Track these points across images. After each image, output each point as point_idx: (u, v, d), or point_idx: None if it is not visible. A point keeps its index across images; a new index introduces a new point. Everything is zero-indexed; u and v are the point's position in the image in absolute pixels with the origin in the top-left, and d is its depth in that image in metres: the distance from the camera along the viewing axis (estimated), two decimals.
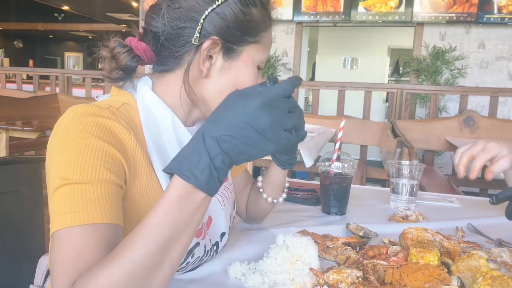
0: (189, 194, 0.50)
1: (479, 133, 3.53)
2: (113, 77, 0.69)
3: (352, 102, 4.29)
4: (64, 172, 0.55)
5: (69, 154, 0.56)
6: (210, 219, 0.76)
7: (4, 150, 2.86)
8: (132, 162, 0.62)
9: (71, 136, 0.57)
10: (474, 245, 0.87)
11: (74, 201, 0.53)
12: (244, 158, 0.51)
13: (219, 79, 0.69)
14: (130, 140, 0.62)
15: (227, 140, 0.49)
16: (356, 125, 3.78)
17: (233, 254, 0.79)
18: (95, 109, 0.60)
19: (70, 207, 0.53)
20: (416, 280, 0.65)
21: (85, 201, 0.53)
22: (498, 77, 4.77)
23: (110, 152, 0.58)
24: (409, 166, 1.17)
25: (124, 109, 0.66)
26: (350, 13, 5.03)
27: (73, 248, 0.51)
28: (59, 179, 0.55)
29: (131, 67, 0.69)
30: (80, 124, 0.58)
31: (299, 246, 0.72)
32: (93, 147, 0.56)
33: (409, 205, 1.17)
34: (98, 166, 0.55)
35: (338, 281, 0.64)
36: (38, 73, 5.23)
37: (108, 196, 0.55)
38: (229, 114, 0.50)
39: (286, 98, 0.52)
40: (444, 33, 4.87)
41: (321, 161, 1.14)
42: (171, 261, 0.50)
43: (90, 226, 0.52)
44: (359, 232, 0.90)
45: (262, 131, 0.50)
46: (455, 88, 4.47)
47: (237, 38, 0.68)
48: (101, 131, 0.58)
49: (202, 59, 0.67)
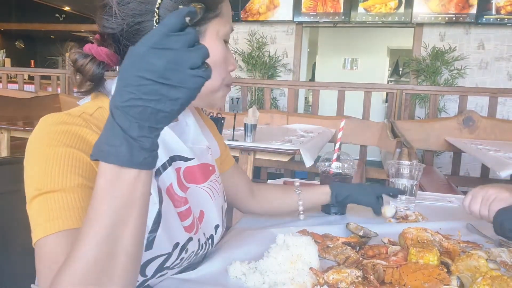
0: (117, 175, 0.45)
1: (479, 133, 3.54)
2: (84, 90, 0.66)
3: (352, 102, 4.29)
4: (36, 182, 0.55)
5: (40, 164, 0.56)
6: (201, 213, 0.75)
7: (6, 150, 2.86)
8: None
9: (41, 147, 0.57)
10: (473, 245, 0.88)
11: (48, 210, 0.53)
12: (163, 117, 0.44)
13: None
14: None
15: (131, 104, 0.43)
16: (356, 126, 3.79)
17: (234, 254, 0.79)
18: (65, 117, 0.60)
19: (45, 216, 0.53)
20: (416, 280, 0.65)
21: (58, 209, 0.53)
22: (497, 78, 4.77)
23: (79, 157, 0.57)
24: (408, 166, 1.18)
25: (98, 113, 0.64)
26: (350, 14, 5.03)
27: (49, 255, 0.51)
28: (32, 190, 0.55)
29: (99, 75, 0.66)
30: (49, 133, 0.58)
31: (299, 246, 0.72)
32: (61, 155, 0.56)
33: (408, 205, 1.17)
34: (68, 173, 0.55)
35: (338, 280, 0.65)
36: (39, 73, 5.24)
37: (80, 200, 0.55)
38: (123, 75, 0.44)
39: (177, 33, 0.43)
40: (444, 33, 4.87)
41: (321, 161, 1.15)
42: (125, 249, 0.47)
43: (65, 232, 0.52)
44: (359, 232, 0.91)
45: (161, 79, 0.43)
46: (454, 88, 4.47)
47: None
48: (70, 138, 0.58)
49: None
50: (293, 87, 4.39)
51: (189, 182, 0.74)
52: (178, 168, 0.72)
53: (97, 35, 0.68)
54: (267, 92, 4.51)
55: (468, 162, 4.24)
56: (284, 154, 2.34)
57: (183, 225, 0.68)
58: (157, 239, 0.63)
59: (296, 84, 4.68)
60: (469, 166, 4.39)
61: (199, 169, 0.76)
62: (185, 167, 0.73)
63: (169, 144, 0.71)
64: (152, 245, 0.63)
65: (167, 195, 0.67)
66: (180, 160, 0.73)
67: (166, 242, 0.65)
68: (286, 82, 4.87)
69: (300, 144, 2.50)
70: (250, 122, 2.37)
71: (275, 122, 3.98)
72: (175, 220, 0.67)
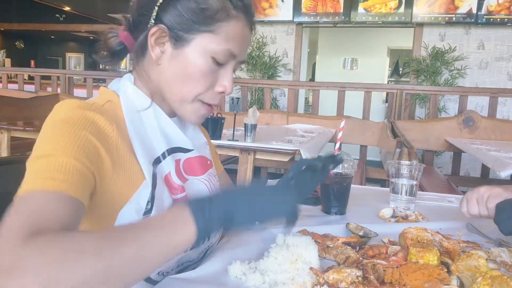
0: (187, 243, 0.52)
1: (479, 133, 3.54)
2: (103, 59, 0.76)
3: (352, 102, 4.30)
4: (43, 147, 0.58)
5: (51, 136, 0.59)
6: None
7: (6, 150, 2.86)
8: (115, 153, 0.65)
9: (57, 125, 0.61)
10: (473, 245, 0.88)
11: (43, 170, 0.55)
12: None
13: (169, 66, 0.71)
14: (112, 132, 0.65)
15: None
16: (356, 126, 3.79)
17: (234, 254, 0.79)
18: (81, 103, 0.65)
19: (39, 174, 0.54)
20: (416, 279, 0.65)
21: (54, 170, 0.54)
22: (497, 78, 4.77)
23: (91, 140, 0.61)
24: (408, 166, 1.18)
25: (108, 105, 0.70)
26: (350, 14, 5.03)
27: (35, 208, 0.50)
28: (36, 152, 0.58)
29: (117, 50, 0.75)
30: (67, 114, 0.62)
31: (299, 246, 0.72)
32: (75, 133, 0.60)
33: (408, 205, 1.17)
34: (76, 147, 0.58)
35: (338, 280, 0.65)
36: (39, 73, 5.24)
37: (77, 172, 0.56)
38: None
39: None
40: (444, 33, 4.87)
41: None
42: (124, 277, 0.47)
43: (55, 193, 0.52)
44: (359, 232, 0.91)
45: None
46: (454, 88, 4.47)
47: (187, 26, 0.69)
48: (86, 122, 0.62)
49: (150, 46, 0.70)
50: (293, 87, 4.39)
51: (188, 174, 0.77)
52: (178, 160, 0.75)
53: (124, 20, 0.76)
54: (267, 92, 4.51)
55: (468, 162, 4.24)
56: (284, 154, 2.34)
57: None
58: None
59: (296, 84, 4.68)
60: (469, 166, 4.39)
61: (198, 161, 0.79)
62: (185, 159, 0.76)
63: (170, 135, 0.75)
64: None
65: (164, 182, 0.71)
66: (180, 152, 0.76)
67: None
68: (286, 82, 4.87)
69: (300, 144, 2.50)
70: (250, 122, 2.37)
71: (275, 122, 3.98)
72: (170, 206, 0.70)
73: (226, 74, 0.73)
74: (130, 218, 0.66)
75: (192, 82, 0.71)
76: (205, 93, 0.72)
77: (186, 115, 0.75)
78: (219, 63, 0.71)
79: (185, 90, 0.71)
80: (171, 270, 0.75)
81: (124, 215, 0.66)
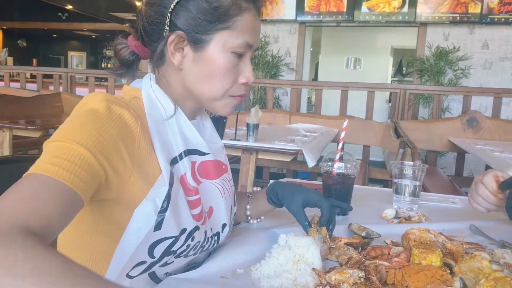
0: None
1: (482, 134, 3.52)
2: (117, 72, 0.77)
3: (355, 102, 4.29)
4: (59, 134, 0.59)
5: (73, 124, 0.61)
6: (211, 209, 0.78)
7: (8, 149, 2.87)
8: (136, 150, 0.65)
9: (82, 114, 0.62)
10: (476, 246, 0.87)
11: (53, 155, 0.56)
12: None
13: (193, 70, 0.72)
14: (137, 128, 0.66)
15: None
16: (359, 126, 3.78)
17: (235, 254, 0.79)
18: (110, 97, 0.66)
19: (48, 158, 0.55)
20: (419, 281, 0.65)
21: (63, 158, 0.55)
22: (501, 78, 4.75)
23: (112, 136, 0.61)
24: (411, 166, 1.17)
25: (134, 101, 0.70)
26: (353, 13, 5.02)
27: (35, 192, 0.51)
28: (57, 135, 0.59)
29: (129, 61, 0.76)
30: (94, 106, 0.63)
31: (301, 246, 0.72)
32: (97, 126, 0.61)
33: (411, 206, 1.17)
34: (94, 140, 0.59)
35: (340, 281, 0.64)
36: (41, 72, 5.25)
37: (87, 167, 0.57)
38: None
39: None
40: (448, 33, 4.86)
41: (324, 161, 1.14)
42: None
43: (58, 183, 0.53)
44: (361, 233, 0.90)
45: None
46: (458, 88, 4.45)
47: (204, 27, 0.69)
48: (112, 116, 0.63)
49: (170, 53, 0.71)
50: (296, 87, 4.38)
51: (202, 177, 0.77)
52: (194, 162, 0.76)
53: (132, 29, 0.76)
54: (269, 91, 4.51)
55: (472, 163, 4.23)
56: (286, 154, 2.34)
57: (192, 213, 0.71)
58: (165, 221, 0.66)
59: (299, 83, 4.68)
60: (472, 166, 4.38)
61: (213, 165, 0.79)
62: (200, 161, 0.77)
63: (188, 137, 0.75)
64: (160, 226, 0.66)
65: (180, 182, 0.71)
66: (196, 154, 0.76)
67: (174, 225, 0.68)
68: (288, 82, 4.86)
69: (303, 144, 2.50)
70: (253, 121, 2.36)
71: (278, 122, 3.98)
72: (184, 207, 0.70)
73: (246, 65, 0.74)
74: (147, 216, 0.65)
75: (218, 80, 0.72)
76: (231, 88, 0.74)
77: (218, 110, 0.77)
78: (239, 56, 0.73)
79: (213, 89, 0.73)
80: (179, 272, 0.75)
81: (140, 212, 0.65)
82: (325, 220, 0.84)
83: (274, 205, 0.93)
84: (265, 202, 0.94)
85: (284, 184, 0.92)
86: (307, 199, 0.87)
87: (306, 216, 0.86)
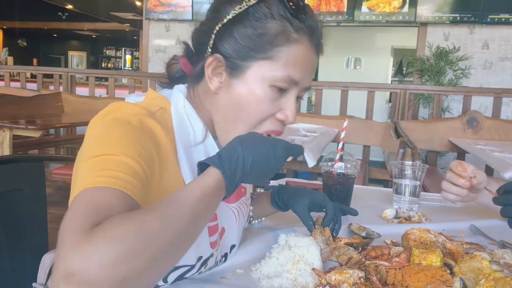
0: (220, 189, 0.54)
1: (482, 134, 3.52)
2: (162, 82, 0.78)
3: (355, 102, 4.28)
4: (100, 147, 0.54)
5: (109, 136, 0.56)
6: (222, 230, 0.76)
7: (8, 149, 2.87)
8: (164, 164, 0.62)
9: (115, 125, 0.58)
10: (477, 247, 0.87)
11: (104, 168, 0.51)
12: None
13: (226, 95, 0.68)
14: (166, 143, 0.63)
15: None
16: (359, 125, 3.78)
17: (236, 254, 0.79)
18: (140, 109, 0.62)
19: (100, 172, 0.51)
20: (419, 281, 0.65)
21: (116, 169, 0.51)
22: (501, 78, 4.75)
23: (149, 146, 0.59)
24: (412, 166, 1.17)
25: (160, 113, 0.66)
26: (353, 13, 5.02)
27: (100, 201, 0.47)
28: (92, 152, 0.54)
29: (175, 76, 0.76)
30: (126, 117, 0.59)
31: (301, 246, 0.72)
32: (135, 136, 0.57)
33: (411, 206, 1.17)
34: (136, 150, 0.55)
35: (340, 281, 0.64)
36: (42, 71, 5.24)
37: (137, 176, 0.53)
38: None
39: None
40: (448, 33, 4.85)
41: (324, 161, 1.14)
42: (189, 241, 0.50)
43: (122, 193, 0.49)
44: (361, 233, 0.90)
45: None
46: (458, 88, 4.45)
47: (243, 53, 0.65)
48: (145, 128, 0.60)
49: (208, 76, 0.68)
50: None
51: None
52: None
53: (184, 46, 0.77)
54: None
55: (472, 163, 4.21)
56: None
57: (209, 240, 0.69)
58: None
59: None
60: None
61: None
62: None
63: None
64: None
65: None
66: None
67: (192, 254, 0.66)
68: None
69: (303, 143, 2.50)
70: None
71: None
72: (204, 234, 0.68)
73: (288, 102, 0.68)
74: None
75: (246, 113, 0.67)
76: (265, 122, 0.68)
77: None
78: (280, 90, 0.67)
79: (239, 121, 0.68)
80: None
81: None
82: (329, 219, 0.84)
83: (278, 208, 0.92)
84: (269, 205, 0.93)
85: (289, 187, 0.93)
86: (312, 199, 0.87)
87: (311, 216, 0.86)
